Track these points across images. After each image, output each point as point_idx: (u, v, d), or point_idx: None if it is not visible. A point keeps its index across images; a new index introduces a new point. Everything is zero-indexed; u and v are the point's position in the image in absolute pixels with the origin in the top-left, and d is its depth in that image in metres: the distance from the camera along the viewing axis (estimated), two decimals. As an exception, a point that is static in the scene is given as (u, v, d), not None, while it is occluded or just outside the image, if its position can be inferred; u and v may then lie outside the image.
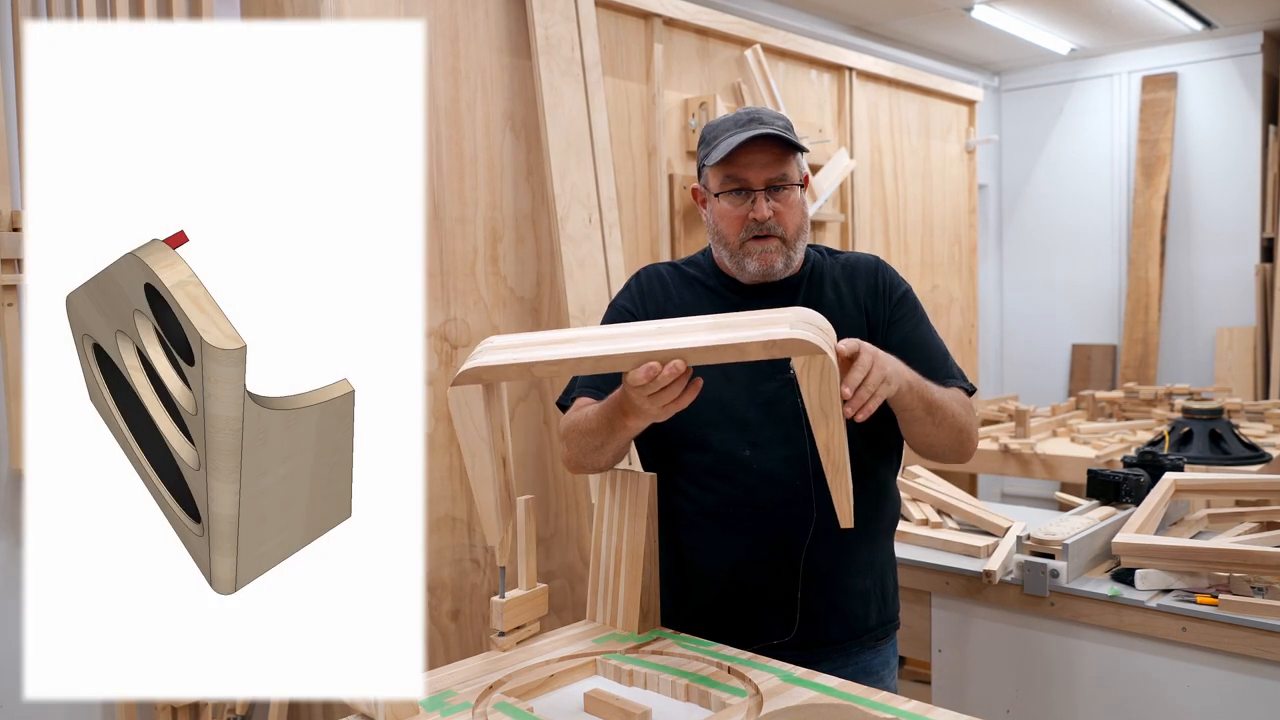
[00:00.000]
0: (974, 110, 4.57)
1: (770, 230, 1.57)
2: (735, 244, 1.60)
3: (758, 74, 3.22)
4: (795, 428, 1.55)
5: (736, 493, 1.58)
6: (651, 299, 1.67)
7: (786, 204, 1.58)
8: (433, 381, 2.31)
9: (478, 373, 1.28)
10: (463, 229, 2.39)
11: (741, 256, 1.60)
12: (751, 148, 1.55)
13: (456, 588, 2.36)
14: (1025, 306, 6.32)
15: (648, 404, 1.28)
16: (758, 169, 1.56)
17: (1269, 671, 1.69)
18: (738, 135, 1.55)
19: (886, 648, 1.70)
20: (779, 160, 1.56)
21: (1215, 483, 2.26)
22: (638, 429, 1.42)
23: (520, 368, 1.26)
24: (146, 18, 2.05)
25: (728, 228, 1.60)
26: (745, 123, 1.57)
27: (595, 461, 1.53)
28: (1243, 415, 3.65)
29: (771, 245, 1.58)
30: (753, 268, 1.59)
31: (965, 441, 1.57)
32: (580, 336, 1.32)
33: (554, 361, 1.25)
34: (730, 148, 1.54)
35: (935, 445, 1.55)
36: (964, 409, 1.57)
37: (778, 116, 1.59)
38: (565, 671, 1.41)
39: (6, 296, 1.97)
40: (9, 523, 2.06)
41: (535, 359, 1.25)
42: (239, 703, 2.20)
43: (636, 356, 1.23)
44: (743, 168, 1.56)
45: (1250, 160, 5.51)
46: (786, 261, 1.60)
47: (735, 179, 1.57)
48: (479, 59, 2.43)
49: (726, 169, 1.58)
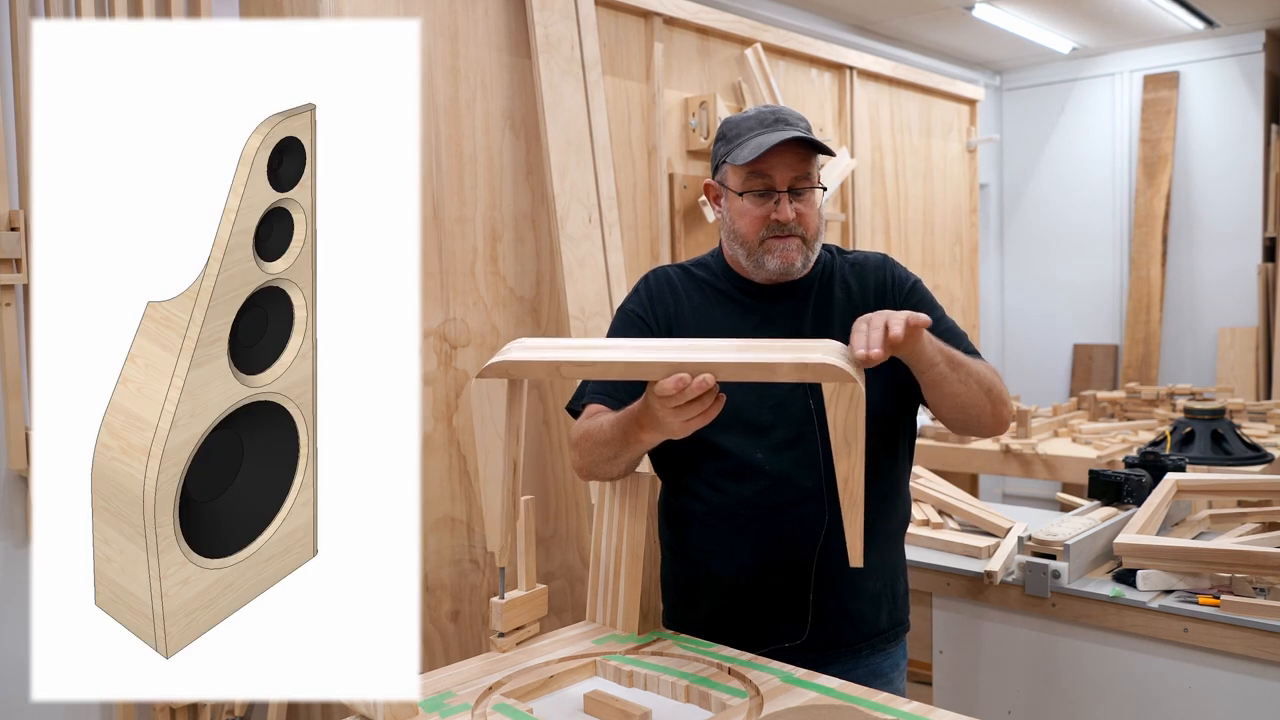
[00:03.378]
0: (975, 109, 4.56)
1: (791, 230, 1.56)
2: (754, 241, 1.58)
3: (758, 73, 3.22)
4: (808, 429, 1.54)
5: (748, 495, 1.57)
6: (661, 302, 1.65)
7: (808, 205, 1.57)
8: (431, 381, 2.31)
9: (505, 367, 1.27)
10: (462, 228, 2.38)
11: (761, 254, 1.58)
12: (778, 148, 1.53)
13: (456, 588, 2.35)
14: (1026, 306, 6.31)
15: (671, 416, 1.25)
16: (784, 170, 1.55)
17: (1271, 673, 1.68)
18: (765, 135, 1.53)
19: (896, 650, 1.69)
20: (803, 161, 1.56)
21: (1217, 483, 2.25)
22: (653, 443, 1.40)
23: (549, 366, 1.26)
24: (145, 16, 2.05)
25: (747, 226, 1.58)
26: (771, 123, 1.56)
27: (607, 471, 1.52)
28: (1245, 415, 3.64)
29: (792, 244, 1.57)
30: (773, 265, 1.57)
31: (997, 403, 1.52)
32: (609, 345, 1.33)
33: (583, 364, 1.24)
34: (762, 149, 1.51)
35: (967, 407, 1.50)
36: (990, 371, 1.55)
37: (800, 117, 1.58)
38: (565, 672, 1.40)
39: (4, 296, 1.96)
40: (7, 523, 2.06)
41: (564, 359, 1.25)
42: (238, 704, 2.20)
43: (668, 366, 1.21)
44: (770, 167, 1.55)
45: (1252, 159, 5.49)
46: (805, 261, 1.59)
47: (760, 177, 1.56)
48: (478, 58, 2.43)
49: (752, 168, 1.56)
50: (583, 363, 1.24)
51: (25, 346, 1.99)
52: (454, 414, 2.35)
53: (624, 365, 1.23)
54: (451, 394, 2.35)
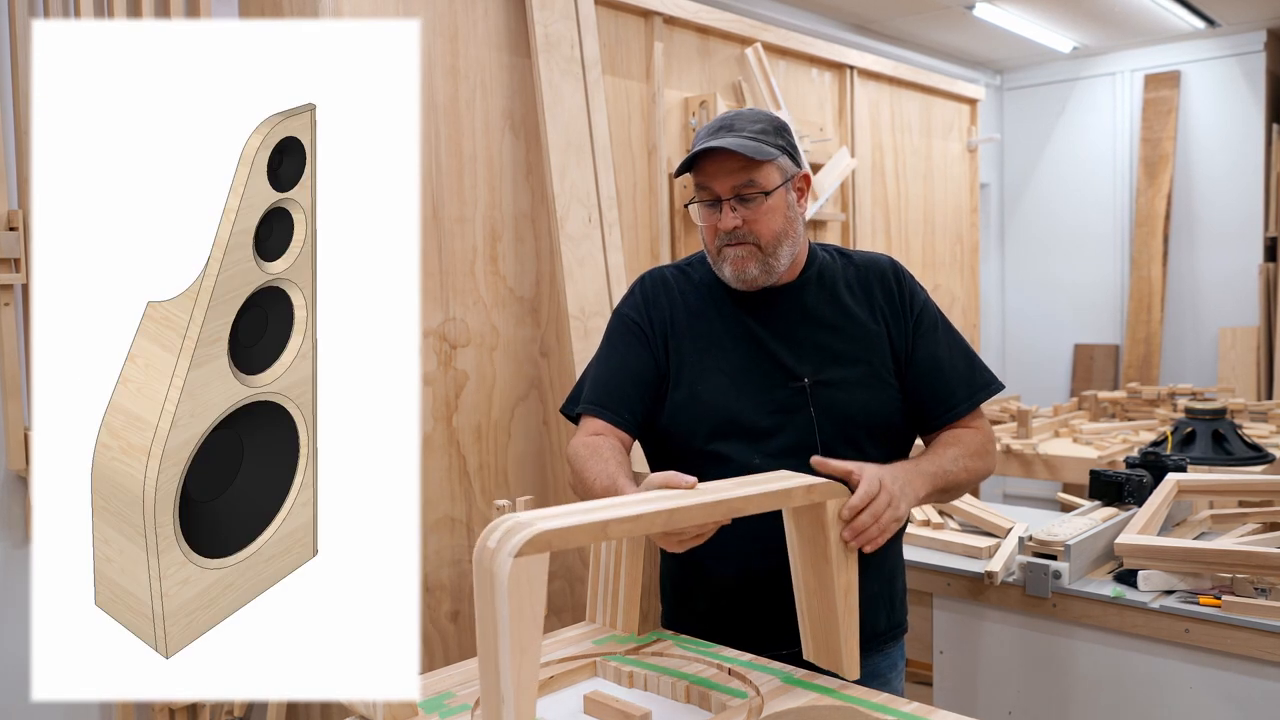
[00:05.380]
0: (976, 109, 4.56)
1: (741, 238, 1.53)
2: (714, 250, 1.58)
3: (758, 72, 3.22)
4: (805, 435, 1.54)
5: None
6: (657, 306, 1.64)
7: (756, 211, 1.52)
8: (431, 381, 2.31)
9: (548, 539, 1.05)
10: (462, 228, 2.38)
11: (720, 263, 1.57)
12: (716, 156, 1.51)
13: (456, 589, 2.35)
14: (1027, 306, 6.31)
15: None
16: (722, 178, 1.52)
17: (1272, 673, 1.68)
18: (701, 144, 1.52)
19: (894, 650, 1.69)
20: (744, 168, 1.51)
21: (1218, 483, 2.25)
22: None
23: (595, 528, 1.10)
24: (144, 16, 2.05)
25: (705, 236, 1.59)
26: (716, 130, 1.53)
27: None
28: (1246, 415, 3.64)
29: (744, 251, 1.53)
30: (728, 273, 1.56)
31: (982, 478, 1.62)
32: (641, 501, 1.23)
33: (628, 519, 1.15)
34: (690, 156, 1.52)
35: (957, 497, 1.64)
36: (977, 455, 1.58)
37: (755, 121, 1.54)
38: (565, 673, 1.40)
39: (4, 296, 1.96)
40: (7, 523, 2.06)
41: (609, 518, 1.13)
42: (238, 704, 2.20)
43: (705, 508, 1.22)
44: (709, 177, 1.53)
45: (1253, 159, 5.49)
46: (763, 267, 1.55)
47: (702, 188, 1.55)
48: (478, 57, 2.43)
49: (695, 178, 1.55)
50: (626, 518, 1.15)
51: (25, 346, 1.99)
52: (454, 414, 2.35)
53: (666, 515, 1.19)
54: (451, 394, 2.35)
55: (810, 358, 1.57)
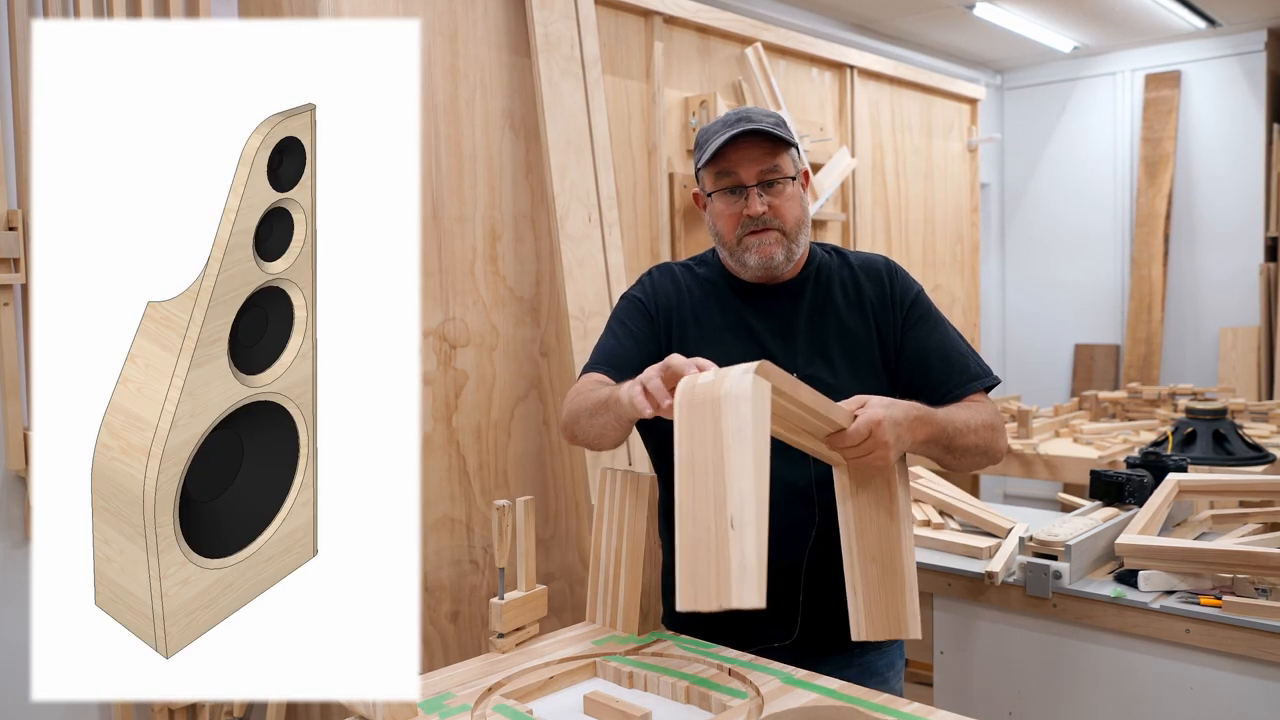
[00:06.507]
0: (976, 109, 4.56)
1: (767, 224, 1.58)
2: (733, 241, 1.61)
3: (758, 72, 3.21)
4: None
5: None
6: (663, 293, 1.69)
7: (781, 197, 1.58)
8: (430, 381, 2.31)
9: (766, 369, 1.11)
10: (462, 228, 2.38)
11: (741, 252, 1.61)
12: (741, 144, 1.56)
13: (455, 589, 2.35)
14: (1028, 306, 6.30)
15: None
16: (748, 164, 1.57)
17: (1272, 674, 1.68)
18: (725, 134, 1.57)
19: (892, 649, 1.69)
20: (769, 154, 1.57)
21: (1219, 483, 2.24)
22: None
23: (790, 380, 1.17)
24: (143, 16, 2.04)
25: (724, 226, 1.62)
26: (733, 122, 1.59)
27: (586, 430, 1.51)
28: (1246, 415, 3.64)
29: (770, 237, 1.59)
30: (753, 261, 1.60)
31: (993, 452, 1.60)
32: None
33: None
34: (718, 145, 1.55)
35: (963, 466, 1.60)
36: (985, 423, 1.57)
37: (767, 114, 1.60)
38: (565, 673, 1.40)
39: (3, 296, 1.96)
40: (7, 523, 2.06)
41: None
42: (237, 704, 2.20)
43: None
44: (734, 164, 1.58)
45: (1254, 159, 5.49)
46: (787, 254, 1.61)
47: (727, 175, 1.59)
48: (478, 57, 2.42)
49: (718, 167, 1.59)
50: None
51: (24, 346, 1.99)
52: (454, 414, 2.35)
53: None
54: (451, 394, 2.35)
55: (803, 351, 1.61)
